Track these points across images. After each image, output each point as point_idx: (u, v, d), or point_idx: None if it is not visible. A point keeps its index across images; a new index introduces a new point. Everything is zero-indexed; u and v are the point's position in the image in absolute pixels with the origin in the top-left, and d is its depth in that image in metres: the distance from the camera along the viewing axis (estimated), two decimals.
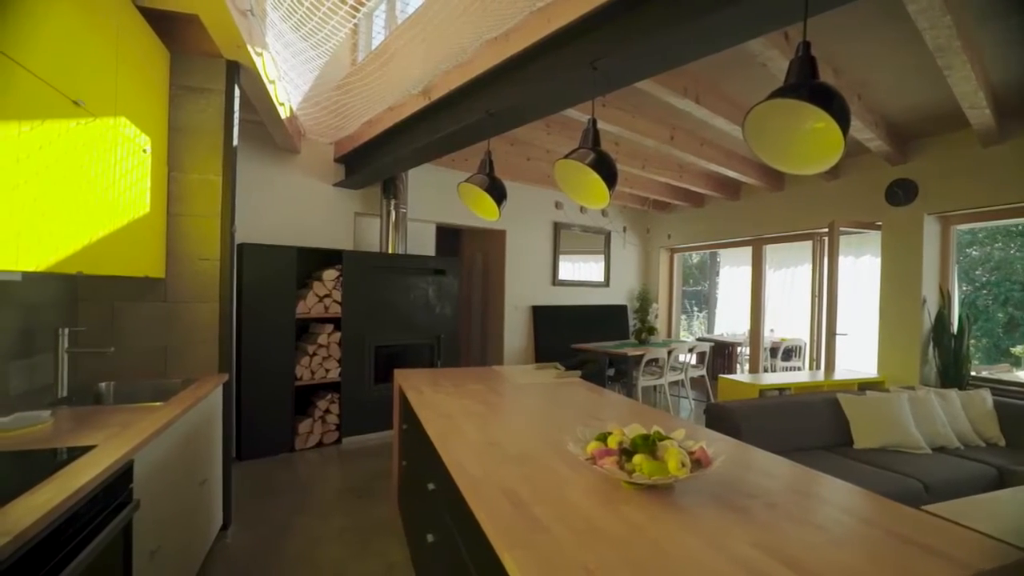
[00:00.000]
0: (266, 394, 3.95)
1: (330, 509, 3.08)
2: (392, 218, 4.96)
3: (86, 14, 1.71)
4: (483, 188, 2.77)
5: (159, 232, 2.43)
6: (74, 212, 1.66)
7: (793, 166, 1.56)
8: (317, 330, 4.40)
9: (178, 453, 1.94)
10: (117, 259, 1.97)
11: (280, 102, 3.37)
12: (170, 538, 1.83)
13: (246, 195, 4.22)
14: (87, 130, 1.72)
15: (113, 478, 1.37)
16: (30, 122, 1.44)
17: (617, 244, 7.25)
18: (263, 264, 3.96)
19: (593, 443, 1.41)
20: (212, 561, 2.43)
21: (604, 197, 2.12)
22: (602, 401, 2.37)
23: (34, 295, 2.05)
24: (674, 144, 4.21)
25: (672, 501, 1.22)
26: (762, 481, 1.38)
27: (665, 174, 5.22)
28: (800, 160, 1.56)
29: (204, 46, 2.49)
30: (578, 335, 6.44)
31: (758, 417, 3.18)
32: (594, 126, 2.18)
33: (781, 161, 1.58)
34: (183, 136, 2.54)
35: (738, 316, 7.55)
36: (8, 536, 0.96)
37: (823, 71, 2.98)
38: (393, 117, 3.66)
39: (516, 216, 6.19)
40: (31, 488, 1.17)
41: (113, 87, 1.91)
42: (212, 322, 2.59)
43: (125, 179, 2.02)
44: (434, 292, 4.97)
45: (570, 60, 2.25)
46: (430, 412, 2.07)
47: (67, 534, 1.16)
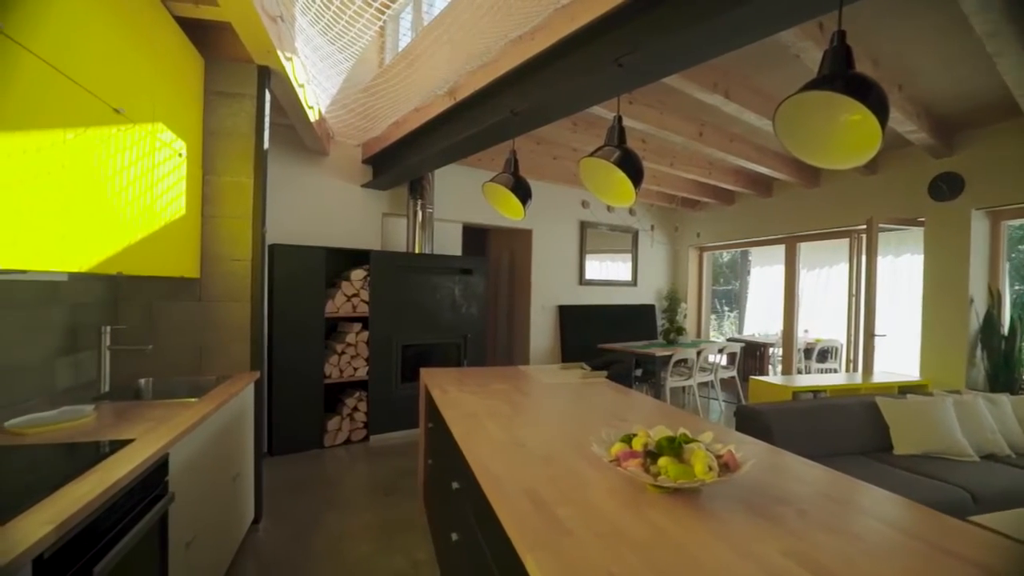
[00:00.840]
0: (297, 392, 4.04)
1: (358, 505, 3.13)
2: (419, 218, 5.01)
3: (126, 27, 1.77)
4: (508, 187, 2.77)
5: (194, 233, 2.52)
6: (114, 215, 1.73)
7: (827, 160, 1.50)
8: (345, 329, 4.48)
9: (211, 448, 2.01)
10: (154, 260, 2.04)
11: (309, 105, 3.44)
12: (204, 530, 1.88)
13: (277, 197, 4.33)
14: (126, 136, 1.79)
15: (149, 471, 1.43)
16: (74, 129, 1.51)
17: (645, 243, 7.15)
18: (293, 264, 4.05)
19: (618, 445, 1.39)
20: (244, 553, 2.50)
21: (630, 195, 2.09)
22: (628, 402, 2.34)
23: (79, 294, 2.14)
24: (703, 140, 4.12)
25: (699, 506, 1.19)
26: (794, 487, 1.33)
27: (694, 171, 5.11)
28: (835, 154, 1.50)
29: (236, 52, 2.57)
30: (605, 335, 6.38)
31: (791, 420, 3.08)
32: (619, 123, 2.15)
33: (814, 156, 1.52)
34: (216, 140, 2.62)
35: (770, 316, 7.35)
36: (52, 524, 1.01)
37: (861, 62, 2.87)
38: (420, 118, 3.69)
39: (542, 215, 6.17)
40: (74, 479, 1.22)
41: (151, 95, 1.98)
42: (244, 321, 2.66)
43: (162, 183, 2.09)
44: (460, 291, 5.00)
45: (594, 58, 2.23)
46: (455, 411, 2.08)
47: (106, 524, 1.21)
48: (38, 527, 1.00)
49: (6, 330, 1.76)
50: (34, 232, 1.34)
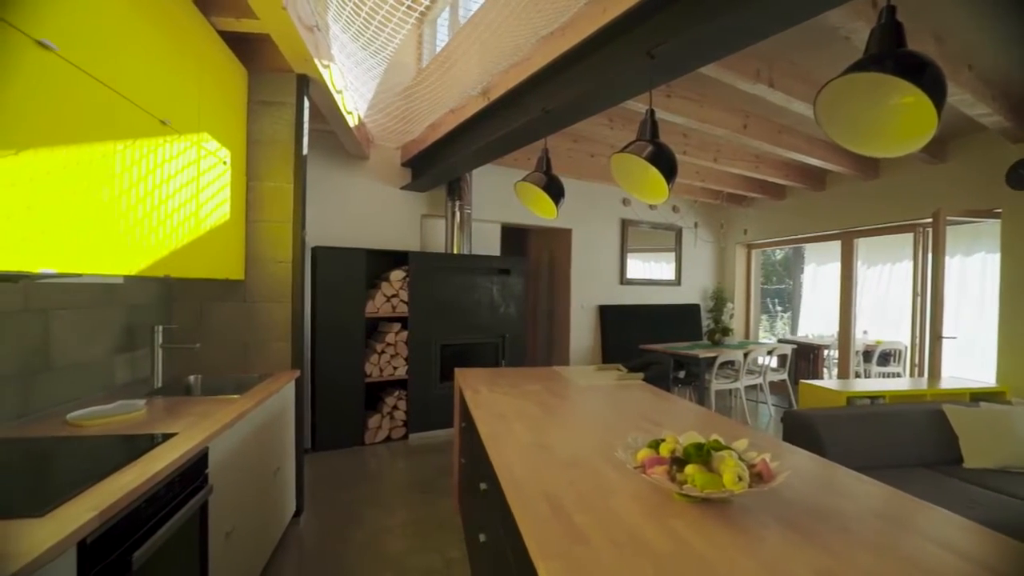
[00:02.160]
0: (338, 390, 4.17)
1: (395, 502, 3.19)
2: (457, 219, 5.06)
3: (172, 43, 1.87)
4: (540, 186, 2.74)
5: (239, 237, 2.64)
6: (161, 221, 1.83)
7: (875, 148, 1.39)
8: (385, 329, 4.57)
9: (252, 443, 2.09)
10: (199, 263, 2.15)
11: (348, 111, 3.54)
12: (244, 521, 1.97)
13: (320, 201, 4.48)
14: (173, 146, 1.89)
15: (189, 464, 1.50)
16: (123, 141, 1.61)
17: (689, 241, 6.93)
18: (335, 266, 4.17)
19: (644, 450, 1.34)
20: (285, 545, 2.59)
21: (663, 192, 2.01)
22: (664, 406, 2.26)
23: (135, 296, 2.29)
24: (748, 133, 3.93)
25: (728, 518, 1.13)
26: (838, 502, 1.23)
27: (739, 165, 4.90)
28: (884, 141, 1.39)
29: (277, 62, 2.67)
30: (647, 335, 6.23)
31: (845, 428, 2.88)
32: (652, 117, 2.08)
33: (861, 143, 1.41)
34: (259, 147, 2.74)
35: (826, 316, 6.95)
36: (95, 511, 1.07)
37: (921, 40, 2.66)
38: (455, 119, 3.72)
39: (582, 214, 6.09)
40: (119, 469, 1.29)
41: (196, 106, 2.09)
42: (285, 321, 2.76)
43: (207, 189, 2.20)
44: (498, 291, 5.01)
45: (626, 50, 2.17)
46: (484, 412, 2.07)
47: (147, 513, 1.28)
48: (83, 513, 1.06)
49: (70, 330, 1.90)
50: (87, 238, 1.43)
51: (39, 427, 1.64)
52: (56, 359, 1.83)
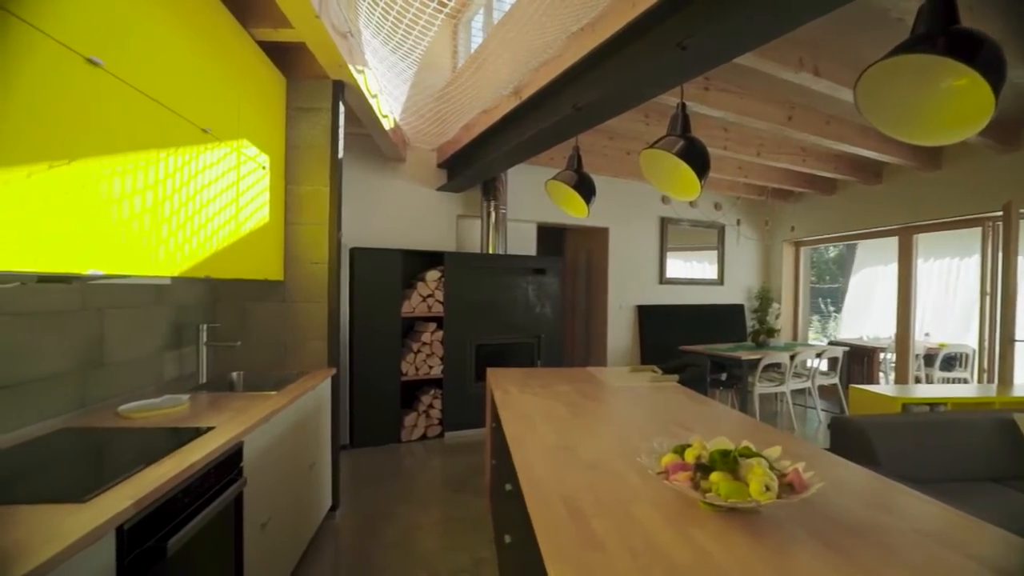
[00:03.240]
0: (376, 387, 4.26)
1: (428, 500, 3.23)
2: (492, 219, 5.07)
3: (213, 54, 1.96)
4: (571, 185, 2.71)
5: (278, 240, 2.74)
6: (201, 225, 1.92)
7: (923, 136, 1.29)
8: (421, 328, 4.64)
9: (288, 438, 2.16)
10: (239, 265, 2.24)
11: (384, 114, 3.61)
12: (279, 513, 2.04)
13: (358, 203, 4.60)
14: (213, 152, 1.98)
15: (224, 457, 1.56)
16: (166, 149, 1.69)
17: (732, 239, 6.68)
18: (372, 266, 4.27)
19: (669, 455, 1.29)
20: (321, 537, 2.67)
21: (695, 188, 1.94)
22: (697, 409, 2.18)
23: (182, 296, 2.42)
24: (793, 125, 3.75)
25: (755, 529, 1.07)
26: (881, 517, 1.15)
27: (785, 159, 4.68)
28: (933, 128, 1.28)
29: (313, 70, 2.75)
30: (688, 336, 6.06)
31: (899, 436, 2.70)
32: (683, 111, 2.01)
33: (907, 130, 1.31)
34: (297, 152, 2.83)
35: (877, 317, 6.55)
36: (131, 500, 1.13)
37: (983, 15, 2.45)
38: (488, 119, 3.73)
39: (619, 213, 5.99)
40: (158, 460, 1.36)
41: (236, 114, 2.18)
42: (322, 320, 2.85)
43: (246, 193, 2.30)
44: (534, 291, 5.00)
45: (656, 44, 2.10)
46: (511, 412, 2.06)
47: (182, 502, 1.34)
48: (121, 501, 1.12)
49: (123, 328, 2.02)
50: (133, 241, 1.52)
51: (93, 418, 1.75)
52: (110, 355, 1.95)
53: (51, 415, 1.66)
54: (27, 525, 1.01)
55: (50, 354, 1.68)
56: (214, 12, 2.00)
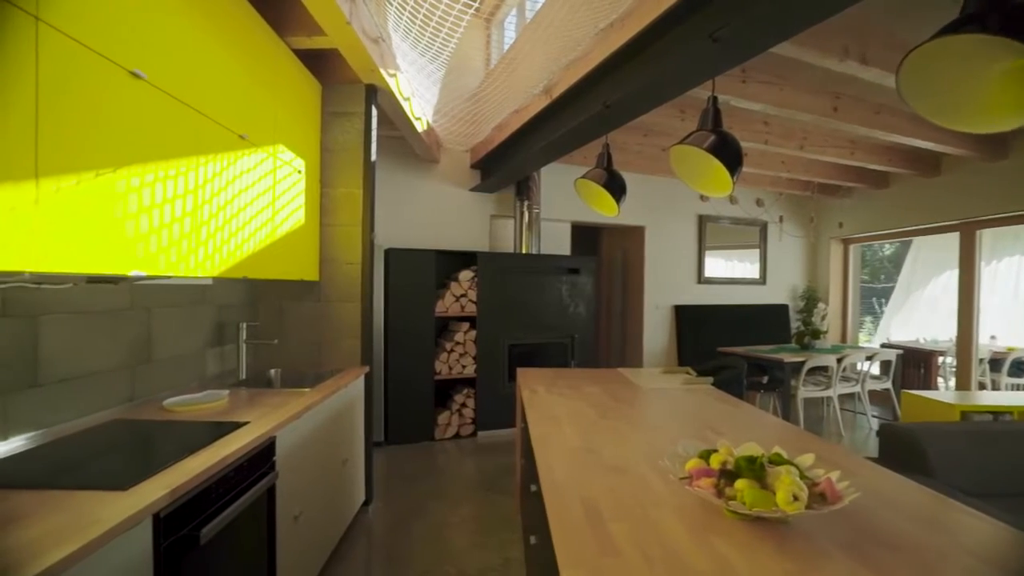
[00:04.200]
0: (410, 386, 4.33)
1: (460, 498, 3.25)
2: (525, 219, 5.07)
3: (250, 63, 2.05)
4: (600, 183, 2.67)
5: (314, 241, 2.82)
6: (239, 227, 2.01)
7: (975, 123, 1.19)
8: (455, 328, 4.69)
9: (321, 433, 2.23)
10: (275, 266, 2.33)
11: (416, 117, 3.67)
12: (312, 506, 2.10)
13: (393, 204, 4.69)
14: (250, 157, 2.06)
15: (258, 450, 1.62)
16: (205, 155, 1.78)
17: (774, 236, 6.43)
18: (406, 267, 4.34)
19: (694, 460, 1.25)
20: (354, 531, 2.73)
21: (726, 184, 1.88)
22: (730, 413, 2.10)
23: (223, 296, 2.53)
24: (839, 116, 3.57)
25: (783, 541, 1.02)
26: (925, 534, 1.07)
27: (831, 152, 4.46)
28: (987, 115, 1.19)
29: (346, 75, 2.82)
30: (729, 337, 5.87)
31: (956, 446, 2.52)
32: (714, 105, 1.94)
33: (956, 118, 1.22)
34: (332, 156, 2.91)
35: (942, 318, 6.13)
36: (167, 489, 1.19)
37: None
38: (519, 119, 3.74)
39: (655, 211, 5.87)
40: (195, 452, 1.43)
41: (272, 120, 2.26)
42: (355, 319, 2.92)
43: (282, 197, 2.38)
44: (567, 291, 4.96)
45: (687, 36, 2.05)
46: (537, 413, 2.05)
47: (216, 493, 1.40)
48: (157, 490, 1.18)
49: (169, 326, 2.14)
50: (173, 244, 1.60)
51: (140, 411, 1.86)
52: (157, 352, 2.06)
53: (103, 407, 1.77)
54: (75, 509, 1.08)
55: (103, 351, 1.79)
56: (251, 23, 2.08)
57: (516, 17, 4.65)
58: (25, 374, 1.51)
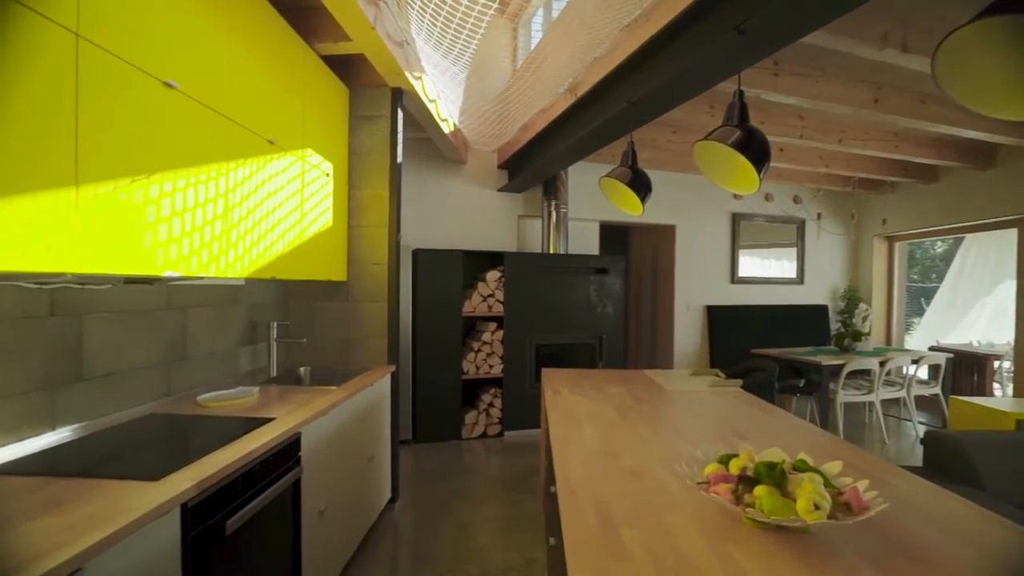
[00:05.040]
0: (438, 385, 4.38)
1: (485, 497, 3.27)
2: (553, 218, 5.05)
3: (279, 70, 2.11)
4: (625, 182, 2.63)
5: (342, 242, 2.89)
6: (268, 229, 2.07)
7: (1012, 110, 1.12)
8: (482, 328, 4.71)
9: (346, 430, 2.28)
10: (303, 266, 2.40)
11: (443, 118, 3.71)
12: (337, 501, 2.15)
13: (421, 205, 4.75)
14: (278, 162, 2.13)
15: (283, 446, 1.67)
16: (235, 160, 1.84)
17: (813, 234, 6.19)
18: (434, 267, 4.39)
19: (712, 465, 1.21)
20: (380, 527, 2.78)
21: (753, 181, 1.82)
22: (759, 417, 2.04)
23: (256, 296, 2.62)
24: (881, 107, 3.40)
25: (804, 551, 0.98)
26: (953, 545, 1.01)
27: (873, 146, 4.26)
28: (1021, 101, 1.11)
29: (373, 79, 2.88)
30: (764, 339, 5.69)
31: (1009, 456, 2.36)
32: (740, 99, 1.89)
33: (1000, 106, 1.15)
34: (359, 158, 2.98)
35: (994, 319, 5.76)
36: (194, 481, 1.24)
37: None
38: (545, 119, 3.73)
39: (686, 209, 5.75)
40: (223, 446, 1.49)
41: (301, 125, 2.33)
42: (382, 319, 2.97)
43: (311, 199, 2.45)
44: (595, 291, 4.92)
45: (712, 29, 1.99)
46: (559, 414, 2.04)
47: (242, 486, 1.45)
48: (185, 481, 1.23)
49: (204, 325, 2.23)
50: (205, 246, 1.67)
51: (176, 406, 1.94)
52: (192, 349, 2.16)
53: (142, 402, 1.87)
54: (111, 497, 1.14)
55: (142, 348, 1.88)
56: (280, 31, 2.15)
57: (543, 16, 4.64)
58: (71, 369, 1.60)
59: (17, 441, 1.42)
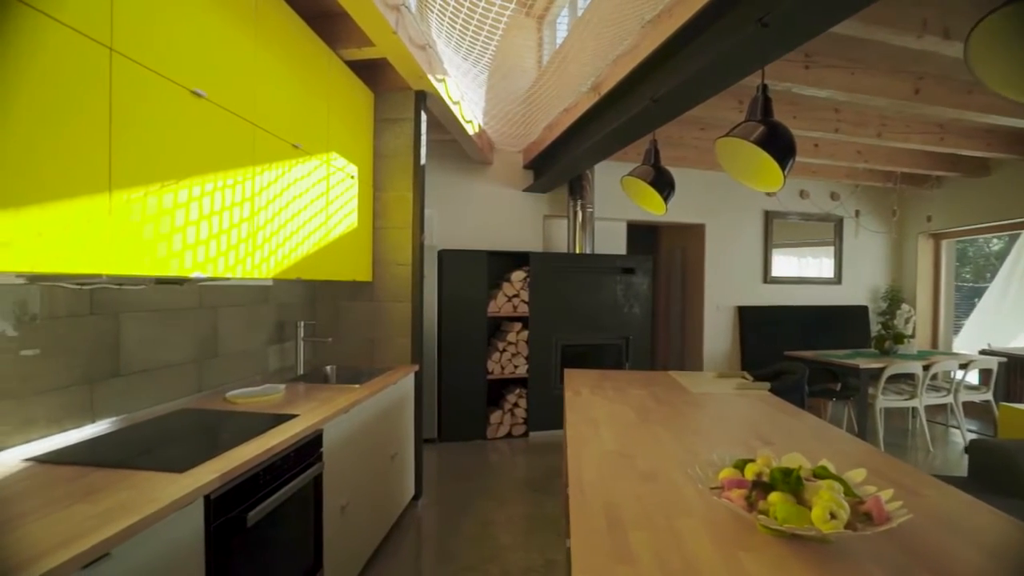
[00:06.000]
0: (463, 385, 4.41)
1: (508, 497, 3.28)
2: (579, 218, 5.02)
3: (305, 77, 2.18)
4: (647, 180, 2.60)
5: (367, 243, 2.95)
6: (293, 231, 2.14)
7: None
8: (507, 328, 4.72)
9: (369, 428, 2.32)
10: (328, 267, 2.46)
11: (467, 120, 3.74)
12: (359, 497, 2.19)
13: (447, 206, 4.80)
14: (303, 165, 2.19)
15: (304, 442, 1.72)
16: (261, 164, 1.91)
17: (851, 232, 5.94)
18: (459, 267, 4.42)
19: (728, 469, 1.18)
20: (403, 524, 2.83)
21: (777, 179, 1.76)
22: (785, 422, 1.97)
23: (284, 296, 2.70)
24: (922, 98, 3.24)
25: (821, 562, 0.94)
26: (980, 559, 0.96)
27: (916, 139, 4.06)
28: None
29: (397, 82, 2.93)
30: (799, 340, 5.51)
31: None
32: (764, 93, 1.83)
33: None
34: (384, 161, 3.03)
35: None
36: (217, 474, 1.29)
37: None
38: (569, 118, 3.71)
39: (716, 207, 5.62)
40: (247, 441, 1.54)
41: (326, 129, 2.39)
42: (406, 319, 3.02)
43: (335, 202, 2.51)
44: (622, 291, 4.86)
45: (734, 23, 1.94)
46: (577, 415, 2.03)
47: (264, 480, 1.50)
48: (209, 474, 1.29)
49: (234, 323, 2.31)
50: (232, 247, 1.74)
51: (206, 401, 2.02)
52: (223, 347, 2.24)
53: (174, 397, 1.95)
54: (139, 487, 1.20)
55: (175, 345, 1.97)
56: (305, 39, 2.21)
57: (568, 16, 4.62)
58: (110, 365, 1.69)
59: (60, 432, 1.51)
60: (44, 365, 1.47)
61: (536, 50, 4.90)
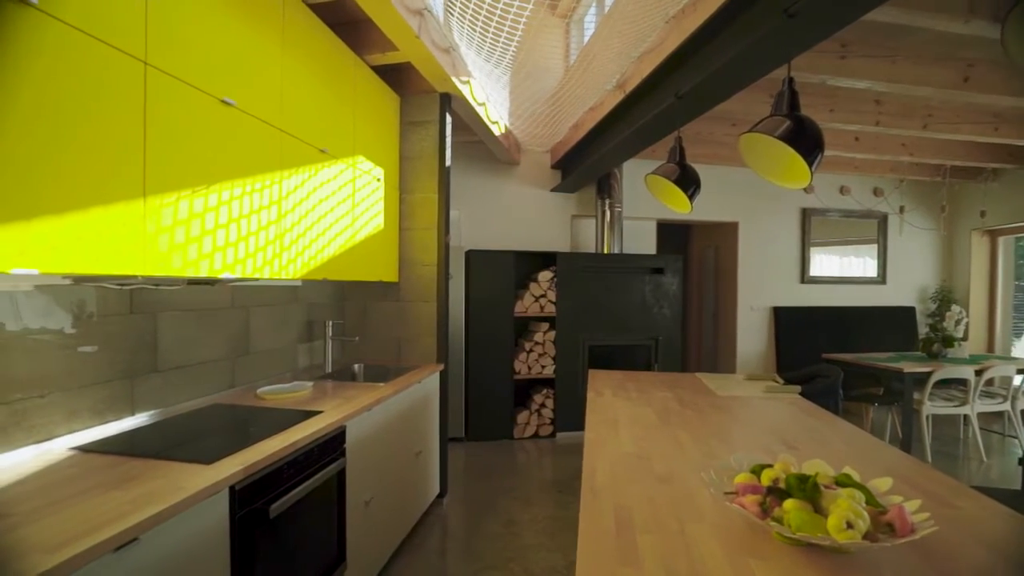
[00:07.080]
0: (490, 385, 4.44)
1: (533, 497, 3.28)
2: (607, 218, 4.97)
3: (332, 83, 2.24)
4: (671, 179, 2.55)
5: (393, 244, 3.01)
6: (320, 233, 2.20)
7: None
8: (534, 328, 4.72)
9: (393, 425, 2.37)
10: (354, 268, 2.52)
11: (493, 121, 3.76)
12: (383, 493, 2.24)
13: (474, 207, 4.84)
14: (329, 169, 2.26)
15: (327, 437, 1.77)
16: (288, 169, 1.98)
17: (896, 229, 5.66)
18: (486, 268, 4.45)
19: (744, 474, 1.15)
20: (427, 521, 2.87)
21: (804, 175, 1.70)
22: (814, 427, 1.90)
23: (313, 296, 2.79)
24: (972, 86, 3.06)
25: (837, 572, 0.91)
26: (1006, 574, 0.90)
27: (966, 129, 3.83)
28: None
29: (421, 85, 2.98)
30: (839, 342, 5.30)
31: None
32: (790, 87, 1.77)
33: None
34: (410, 163, 3.09)
35: None
36: (242, 466, 1.35)
37: None
38: (595, 117, 3.68)
39: (750, 205, 5.45)
40: (272, 435, 1.60)
41: (352, 133, 2.45)
42: (431, 318, 3.06)
43: (361, 204, 2.57)
44: (651, 292, 4.78)
45: (760, 15, 1.88)
46: (597, 416, 2.01)
47: (287, 473, 1.55)
48: (234, 466, 1.34)
49: (265, 322, 2.40)
50: (260, 249, 1.81)
51: (238, 397, 2.11)
52: (254, 345, 2.33)
53: (208, 393, 2.04)
54: (170, 477, 1.26)
55: (209, 343, 2.06)
56: (331, 46, 2.28)
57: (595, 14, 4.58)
58: (148, 361, 1.79)
59: (102, 424, 1.61)
60: (90, 360, 1.57)
61: (562, 49, 4.88)
